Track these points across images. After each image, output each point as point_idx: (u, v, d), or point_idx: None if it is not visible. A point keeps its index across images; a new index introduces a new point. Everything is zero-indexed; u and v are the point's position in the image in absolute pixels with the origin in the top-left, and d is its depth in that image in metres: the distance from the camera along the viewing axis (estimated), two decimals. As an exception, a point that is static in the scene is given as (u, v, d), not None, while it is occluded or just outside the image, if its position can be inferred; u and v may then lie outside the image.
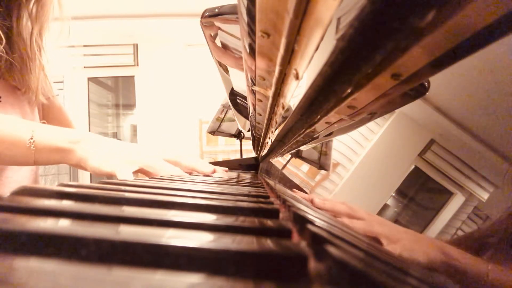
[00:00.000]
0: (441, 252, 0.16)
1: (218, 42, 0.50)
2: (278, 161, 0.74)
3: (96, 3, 2.76)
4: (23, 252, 0.09)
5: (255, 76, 0.34)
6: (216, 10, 0.43)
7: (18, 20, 0.60)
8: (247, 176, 0.81)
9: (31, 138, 0.47)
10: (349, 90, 0.21)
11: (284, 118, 0.41)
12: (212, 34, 0.49)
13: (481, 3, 0.11)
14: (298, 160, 0.58)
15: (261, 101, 0.45)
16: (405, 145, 0.23)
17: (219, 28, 0.46)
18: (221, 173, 0.69)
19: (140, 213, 0.14)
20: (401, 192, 0.22)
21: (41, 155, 0.48)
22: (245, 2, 0.24)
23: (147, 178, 0.42)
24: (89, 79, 3.52)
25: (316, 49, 0.20)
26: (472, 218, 0.15)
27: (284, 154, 0.66)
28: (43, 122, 0.66)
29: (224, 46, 0.51)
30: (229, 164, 0.85)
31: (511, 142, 0.13)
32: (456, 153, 0.17)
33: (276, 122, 0.48)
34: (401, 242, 0.19)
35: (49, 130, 0.50)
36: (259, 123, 0.64)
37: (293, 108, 0.34)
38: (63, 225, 0.12)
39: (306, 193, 0.45)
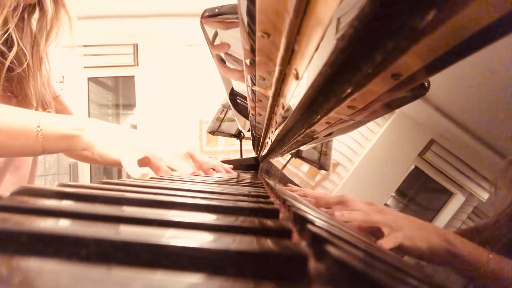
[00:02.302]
0: (443, 239, 0.16)
1: (218, 42, 0.50)
2: (278, 161, 0.74)
3: (96, 3, 2.76)
4: (23, 252, 0.09)
5: (255, 76, 0.34)
6: (216, 10, 0.43)
7: (18, 31, 0.59)
8: (247, 176, 0.81)
9: (38, 126, 0.47)
10: (349, 90, 0.21)
11: (284, 118, 0.41)
12: (212, 34, 0.49)
13: (481, 3, 0.11)
14: (298, 160, 0.58)
15: (261, 101, 0.45)
16: (405, 145, 0.23)
17: (219, 28, 0.46)
18: (224, 171, 0.71)
19: (140, 213, 0.14)
20: (401, 192, 0.22)
21: (49, 143, 0.48)
22: (245, 2, 0.24)
23: (147, 178, 0.42)
24: (89, 79, 3.52)
25: (316, 49, 0.20)
26: (472, 218, 0.15)
27: (284, 154, 0.66)
28: (48, 111, 0.66)
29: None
30: (229, 164, 0.86)
31: (511, 142, 0.13)
32: (456, 153, 0.17)
33: (276, 122, 0.48)
34: (403, 230, 0.19)
35: (54, 118, 0.50)
36: (259, 123, 0.64)
37: (293, 108, 0.34)
38: (63, 225, 0.12)
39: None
